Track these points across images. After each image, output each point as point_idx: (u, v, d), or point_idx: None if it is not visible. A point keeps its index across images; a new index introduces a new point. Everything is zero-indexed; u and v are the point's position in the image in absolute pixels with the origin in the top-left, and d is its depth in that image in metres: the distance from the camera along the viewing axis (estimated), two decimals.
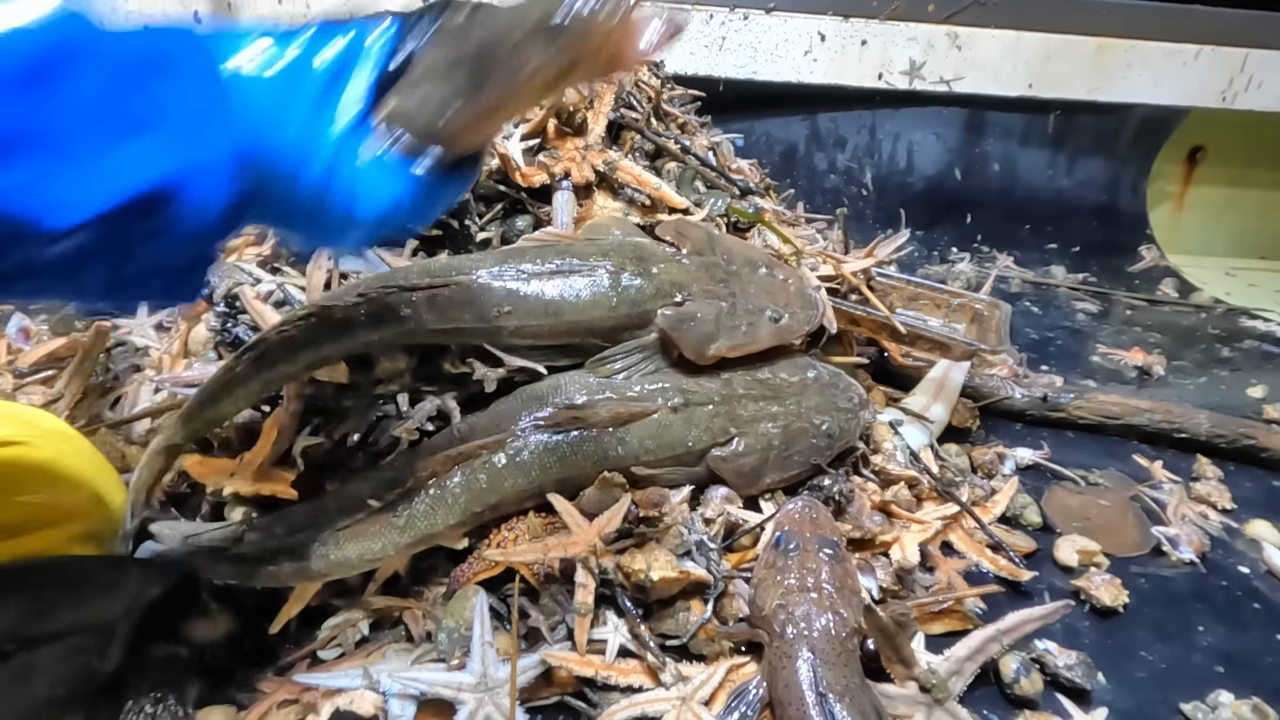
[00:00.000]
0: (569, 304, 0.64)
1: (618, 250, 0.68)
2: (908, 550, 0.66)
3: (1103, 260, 1.71)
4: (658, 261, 0.68)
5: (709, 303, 0.66)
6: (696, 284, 0.67)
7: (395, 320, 0.61)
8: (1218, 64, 1.66)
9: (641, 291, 0.65)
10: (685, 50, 1.53)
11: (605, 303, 0.64)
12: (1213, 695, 0.60)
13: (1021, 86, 1.65)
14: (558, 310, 0.63)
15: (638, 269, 0.66)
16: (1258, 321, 1.45)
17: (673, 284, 0.67)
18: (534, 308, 0.63)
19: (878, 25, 1.57)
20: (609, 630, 0.56)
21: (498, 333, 0.64)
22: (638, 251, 0.68)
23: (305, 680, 0.53)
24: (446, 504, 0.58)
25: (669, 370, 0.66)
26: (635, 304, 0.65)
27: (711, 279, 0.68)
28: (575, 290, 0.64)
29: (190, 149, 0.34)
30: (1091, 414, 0.97)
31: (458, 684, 0.52)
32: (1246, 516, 0.83)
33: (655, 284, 0.66)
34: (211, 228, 0.36)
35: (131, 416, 0.74)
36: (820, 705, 0.49)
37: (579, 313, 0.64)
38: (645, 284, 0.66)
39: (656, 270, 0.67)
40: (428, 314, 0.62)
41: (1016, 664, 0.58)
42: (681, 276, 0.67)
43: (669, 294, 0.66)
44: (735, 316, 0.67)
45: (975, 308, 1.00)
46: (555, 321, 0.63)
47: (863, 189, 1.72)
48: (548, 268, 0.64)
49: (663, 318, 0.65)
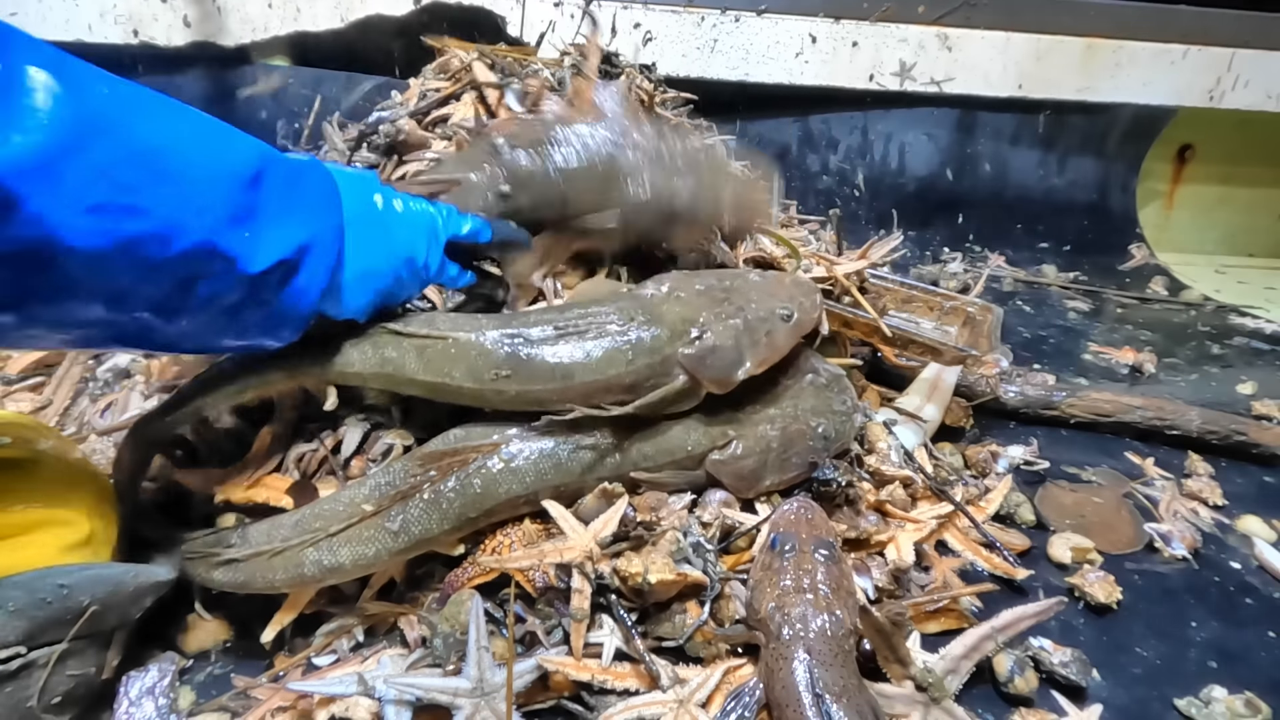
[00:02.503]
0: (580, 365, 0.60)
1: (616, 303, 0.64)
2: (903, 550, 0.67)
3: (1094, 259, 1.72)
4: (660, 303, 0.64)
5: (723, 326, 0.64)
6: (704, 312, 0.64)
7: (378, 358, 0.60)
8: (1205, 63, 1.67)
9: (658, 338, 0.61)
10: (677, 53, 1.54)
11: (621, 359, 0.60)
12: (1206, 690, 0.61)
13: (1011, 87, 1.66)
14: (567, 373, 0.59)
15: (645, 315, 0.62)
16: (1247, 318, 1.46)
17: (684, 320, 0.63)
18: (539, 371, 0.59)
19: (868, 27, 1.58)
20: (605, 634, 0.56)
21: (494, 396, 0.60)
22: (636, 299, 0.65)
23: (300, 687, 0.53)
24: (441, 509, 0.57)
25: None
26: (653, 352, 0.61)
27: (714, 301, 0.66)
28: (585, 350, 0.60)
29: (322, 220, 0.52)
30: (1084, 411, 0.97)
31: (454, 689, 0.52)
32: (1238, 512, 0.84)
33: (668, 326, 0.62)
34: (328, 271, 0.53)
35: (121, 424, 0.74)
36: (817, 706, 0.49)
37: (593, 373, 0.60)
38: (659, 330, 0.62)
39: (663, 315, 0.63)
40: (414, 362, 0.59)
41: (1011, 662, 0.59)
42: (688, 310, 0.64)
43: (683, 332, 0.62)
44: (752, 330, 0.65)
45: (968, 311, 1.00)
46: (565, 385, 0.59)
47: (855, 190, 1.72)
48: (549, 331, 0.61)
49: (686, 358, 0.62)
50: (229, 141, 0.47)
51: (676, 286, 0.66)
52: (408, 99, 0.95)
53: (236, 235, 0.46)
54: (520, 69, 0.92)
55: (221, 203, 0.45)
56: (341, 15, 1.43)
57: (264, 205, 0.47)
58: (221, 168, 0.45)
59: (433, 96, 0.92)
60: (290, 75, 1.46)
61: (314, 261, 0.51)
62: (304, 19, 1.42)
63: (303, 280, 0.51)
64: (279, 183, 0.49)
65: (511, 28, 1.44)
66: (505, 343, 0.60)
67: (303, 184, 0.51)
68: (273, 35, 1.42)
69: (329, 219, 0.53)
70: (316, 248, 0.51)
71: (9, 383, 0.80)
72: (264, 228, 0.47)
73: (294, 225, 0.49)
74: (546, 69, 0.91)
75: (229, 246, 0.45)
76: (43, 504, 0.52)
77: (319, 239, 0.51)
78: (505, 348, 0.60)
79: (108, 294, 0.42)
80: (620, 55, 1.04)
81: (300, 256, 0.50)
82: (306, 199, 0.51)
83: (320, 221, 0.52)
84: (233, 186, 0.46)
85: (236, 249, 0.46)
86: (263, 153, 0.48)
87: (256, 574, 0.56)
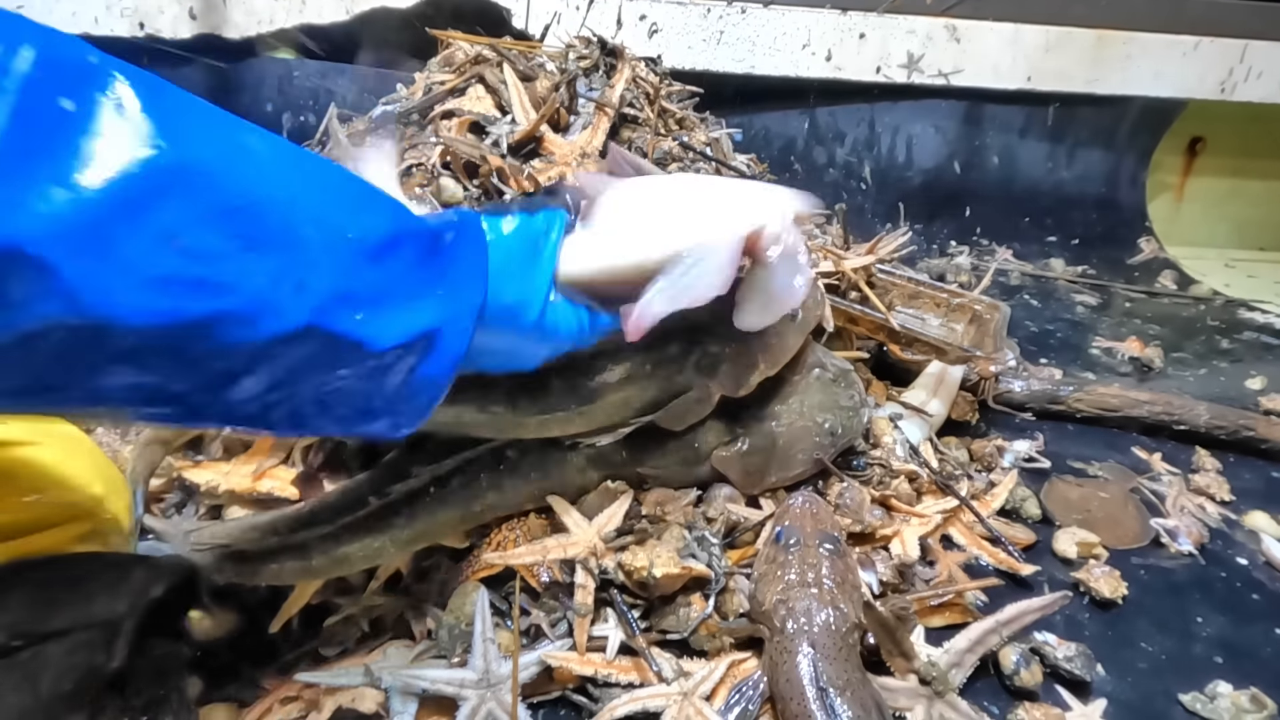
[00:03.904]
0: (603, 384, 0.58)
1: None
2: (908, 544, 0.67)
3: (1102, 252, 1.71)
4: None
5: None
6: None
7: None
8: (1217, 55, 1.66)
9: (669, 351, 0.61)
10: (683, 45, 1.53)
11: (641, 374, 0.59)
12: (1211, 685, 0.61)
13: (1020, 79, 1.65)
14: (591, 395, 0.58)
15: None
16: (1257, 313, 1.45)
17: None
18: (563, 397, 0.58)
19: (876, 18, 1.57)
20: (609, 627, 0.56)
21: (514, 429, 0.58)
22: None
23: (307, 678, 0.53)
24: (447, 502, 0.58)
25: None
26: (671, 362, 0.61)
27: None
28: (605, 366, 0.58)
29: (461, 300, 0.42)
30: (1091, 406, 0.97)
31: (459, 680, 0.52)
32: (1245, 508, 0.83)
33: None
34: (455, 363, 0.42)
35: None
36: (821, 700, 0.49)
37: (616, 390, 0.59)
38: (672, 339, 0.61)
39: None
40: None
41: (1016, 656, 0.59)
42: None
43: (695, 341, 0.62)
44: (761, 332, 0.63)
45: (975, 308, 0.99)
46: (591, 406, 0.58)
47: (862, 183, 1.72)
48: None
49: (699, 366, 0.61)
50: (355, 201, 0.38)
51: None
52: (413, 93, 0.95)
53: (346, 318, 0.36)
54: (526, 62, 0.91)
55: (332, 277, 0.35)
56: (347, 8, 1.42)
57: (387, 283, 0.38)
58: (339, 234, 0.36)
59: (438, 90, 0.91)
60: (296, 68, 1.46)
61: (440, 352, 0.41)
62: (309, 11, 1.42)
63: (423, 371, 0.41)
64: (411, 255, 0.39)
65: (516, 20, 1.44)
66: None
67: (442, 256, 0.41)
68: (278, 27, 1.42)
69: (468, 299, 0.42)
70: (446, 335, 0.41)
71: None
72: (383, 310, 0.38)
73: (422, 309, 0.39)
74: (551, 62, 0.91)
75: (335, 329, 0.36)
76: (54, 493, 0.52)
77: (451, 325, 0.41)
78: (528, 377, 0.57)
79: (166, 373, 0.33)
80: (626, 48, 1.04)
81: (423, 344, 0.40)
82: (445, 275, 0.41)
83: (456, 304, 0.42)
84: (351, 259, 0.36)
85: (344, 332, 0.36)
86: (398, 217, 0.39)
87: (264, 565, 0.56)
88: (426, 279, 0.40)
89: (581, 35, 1.05)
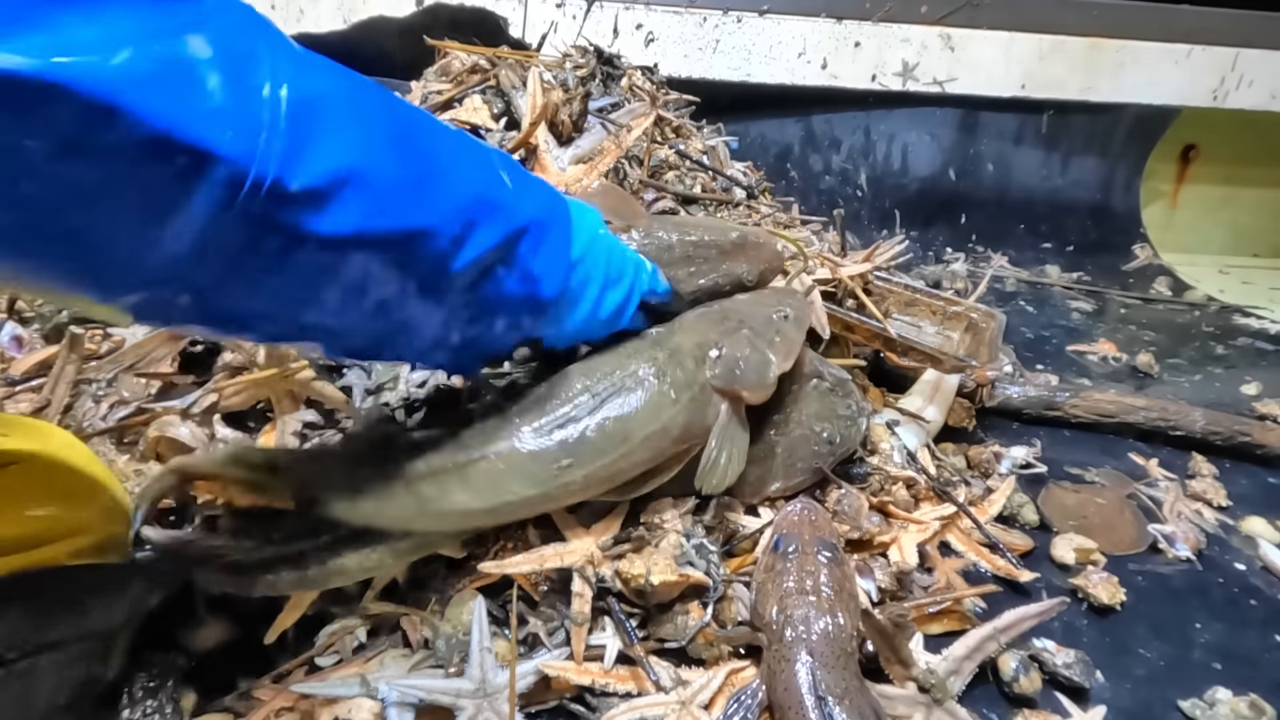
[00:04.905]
0: (633, 420, 0.56)
1: (633, 356, 0.60)
2: (906, 551, 0.67)
3: (1097, 259, 1.72)
4: (670, 337, 0.62)
5: (735, 339, 0.62)
6: (712, 332, 0.62)
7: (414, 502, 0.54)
8: (1209, 63, 1.67)
9: (689, 370, 0.59)
10: (679, 53, 1.54)
11: (667, 400, 0.57)
12: (1210, 692, 0.60)
13: (1015, 87, 1.66)
14: (626, 434, 0.56)
15: (665, 352, 0.60)
16: (1251, 319, 1.46)
17: (699, 346, 0.61)
18: (598, 445, 0.55)
19: (871, 27, 1.58)
20: (607, 636, 0.56)
21: (562, 492, 0.55)
22: (647, 342, 0.62)
23: (303, 689, 0.53)
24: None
25: None
26: (691, 383, 0.59)
27: (714, 322, 0.64)
28: (632, 405, 0.57)
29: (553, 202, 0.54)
30: (1087, 412, 0.97)
31: (456, 690, 0.52)
32: (1242, 513, 0.84)
33: (690, 355, 0.60)
34: None
35: (120, 424, 0.74)
36: (820, 708, 0.49)
37: (648, 423, 0.56)
38: (686, 359, 0.60)
39: (679, 345, 0.61)
40: (460, 493, 0.54)
41: (1015, 662, 0.58)
42: (698, 335, 0.62)
43: (704, 357, 0.61)
44: (763, 334, 0.64)
45: (971, 317, 1.00)
46: (629, 447, 0.56)
47: (858, 190, 1.72)
48: (590, 401, 0.56)
49: (717, 379, 0.60)
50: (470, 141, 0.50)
51: (677, 320, 0.65)
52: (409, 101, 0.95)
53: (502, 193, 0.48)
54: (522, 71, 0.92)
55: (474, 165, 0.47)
56: (344, 17, 1.43)
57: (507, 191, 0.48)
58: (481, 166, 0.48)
59: (434, 99, 0.92)
60: None
61: (550, 241, 0.51)
62: (307, 20, 1.43)
63: (540, 261, 0.51)
64: (518, 170, 0.51)
65: (514, 29, 1.45)
66: (553, 432, 0.55)
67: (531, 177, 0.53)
68: None
69: (559, 206, 0.54)
70: (552, 228, 0.52)
71: (12, 383, 0.80)
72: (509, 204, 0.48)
73: (531, 202, 0.50)
74: (548, 71, 0.91)
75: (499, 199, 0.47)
76: (51, 505, 0.52)
77: (553, 218, 0.52)
78: (555, 437, 0.55)
79: None
80: (622, 57, 1.04)
81: (536, 231, 0.50)
82: (537, 185, 0.53)
83: (554, 203, 0.53)
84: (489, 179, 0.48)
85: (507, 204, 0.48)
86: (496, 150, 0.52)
87: (260, 575, 0.56)
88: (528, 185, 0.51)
89: (578, 44, 1.06)
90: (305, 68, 0.37)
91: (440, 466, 0.54)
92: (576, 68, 0.96)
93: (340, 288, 0.41)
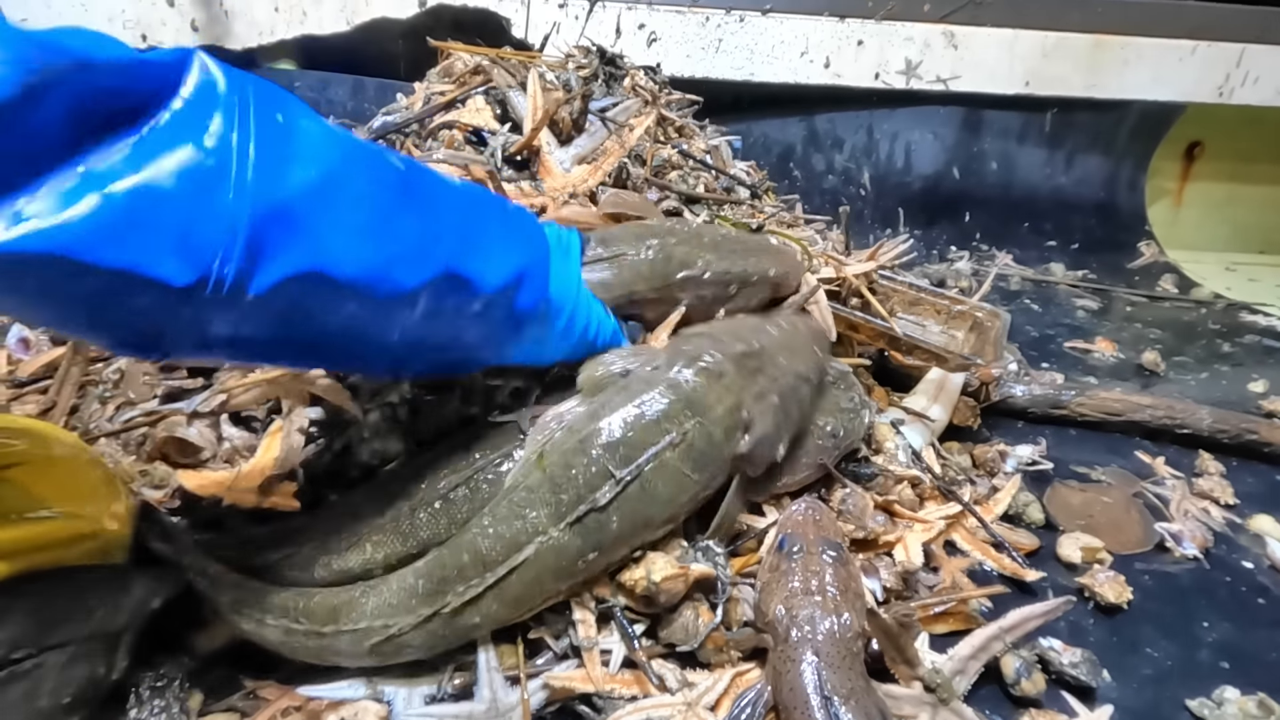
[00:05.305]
0: (656, 506, 0.56)
1: (666, 411, 0.57)
2: (911, 551, 0.66)
3: (1102, 257, 1.71)
4: (705, 395, 0.58)
5: (764, 408, 0.61)
6: (745, 394, 0.60)
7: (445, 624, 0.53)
8: (1214, 59, 1.66)
9: (714, 443, 0.58)
10: (681, 53, 1.54)
11: (688, 483, 0.57)
12: (1218, 691, 0.60)
13: (1018, 84, 1.65)
14: (648, 522, 0.56)
15: (694, 414, 0.57)
16: (1258, 316, 1.45)
17: (729, 412, 0.59)
18: (620, 536, 0.55)
19: (874, 25, 1.57)
20: (614, 640, 0.56)
21: (583, 576, 0.56)
22: (680, 395, 0.58)
23: (309, 692, 0.53)
24: (450, 515, 0.58)
25: None
26: (714, 460, 0.58)
27: (749, 373, 0.62)
28: (654, 494, 0.56)
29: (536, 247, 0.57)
30: (1093, 411, 0.97)
31: (469, 713, 0.52)
32: (1249, 511, 0.83)
33: (719, 425, 0.58)
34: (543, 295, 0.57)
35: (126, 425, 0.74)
36: (825, 708, 0.48)
37: (668, 508, 0.56)
38: (714, 430, 0.58)
39: (711, 409, 0.58)
40: (494, 605, 0.53)
41: (1019, 663, 0.58)
42: (731, 395, 0.59)
43: (733, 426, 0.59)
44: (786, 407, 0.63)
45: (976, 316, 0.99)
46: (650, 532, 0.57)
47: (861, 189, 1.72)
48: (613, 490, 0.54)
49: (739, 458, 0.60)
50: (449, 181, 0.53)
51: (716, 360, 0.61)
52: (412, 103, 0.95)
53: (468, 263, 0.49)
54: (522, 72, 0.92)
55: (456, 229, 0.49)
56: (347, 19, 1.43)
57: (488, 233, 0.51)
58: (452, 195, 0.50)
59: (437, 100, 0.92)
60: (297, 79, 1.46)
61: (530, 284, 0.54)
62: (310, 22, 1.43)
63: (523, 300, 0.54)
64: (497, 212, 0.54)
65: (516, 29, 1.45)
66: (576, 528, 0.53)
67: (512, 216, 0.56)
68: (279, 39, 1.43)
69: (540, 245, 0.58)
70: (531, 274, 0.55)
71: (19, 385, 0.81)
72: (491, 253, 0.51)
73: (514, 251, 0.53)
74: (551, 71, 0.91)
75: (461, 272, 0.49)
76: (57, 507, 0.52)
77: (533, 266, 0.55)
78: (579, 535, 0.53)
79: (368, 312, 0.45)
80: (625, 57, 1.04)
81: (521, 279, 0.53)
82: (520, 228, 0.56)
83: (534, 250, 0.56)
84: (464, 211, 0.50)
85: (466, 274, 0.49)
86: (476, 187, 0.55)
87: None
88: (509, 231, 0.54)
89: (580, 45, 1.06)
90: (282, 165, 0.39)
91: (471, 592, 0.52)
92: (579, 68, 0.96)
93: None
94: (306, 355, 0.50)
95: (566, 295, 0.60)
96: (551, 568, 0.53)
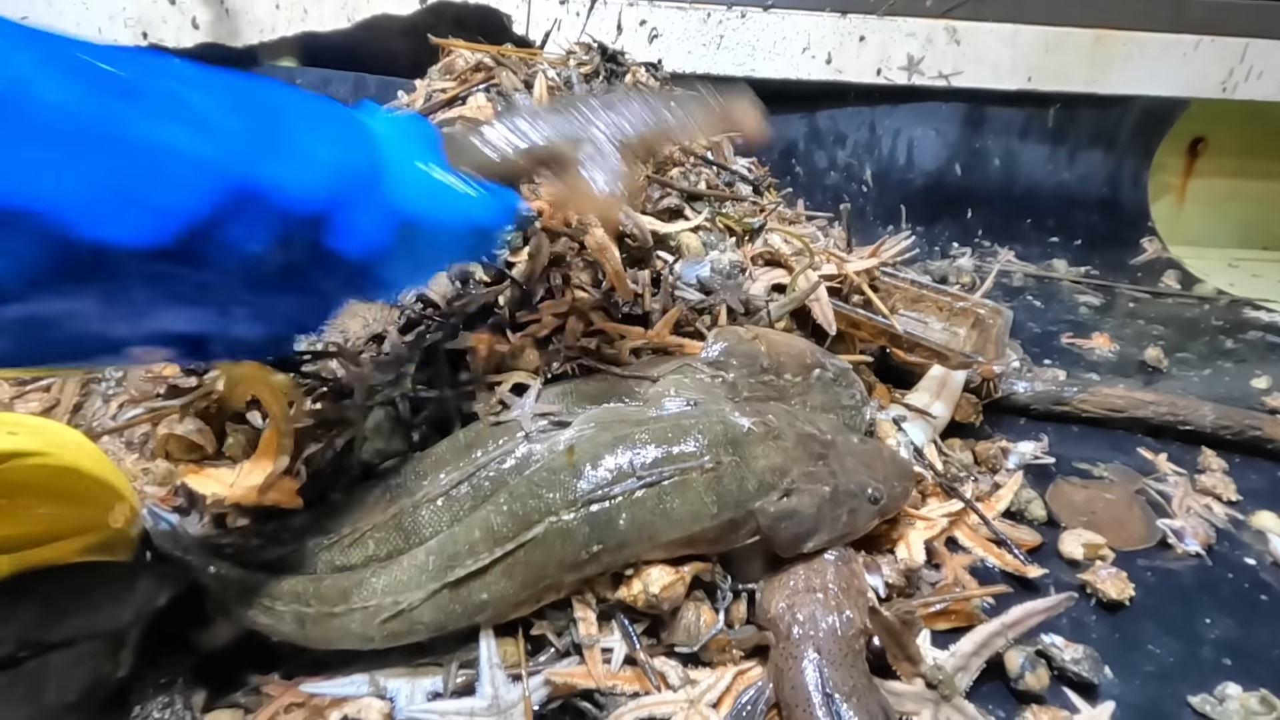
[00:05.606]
0: (666, 522, 0.55)
1: (709, 437, 0.58)
2: (913, 548, 0.66)
3: (1105, 253, 1.71)
4: (753, 444, 0.59)
5: (810, 491, 0.59)
6: (796, 467, 0.60)
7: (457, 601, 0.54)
8: (1217, 54, 1.65)
9: (745, 490, 0.58)
10: (683, 49, 1.53)
11: (706, 513, 0.56)
12: (1220, 687, 0.60)
13: (1021, 80, 1.65)
14: (654, 534, 0.55)
15: (735, 456, 0.58)
16: (1261, 313, 1.44)
17: (773, 472, 0.59)
18: (626, 537, 0.55)
19: (875, 21, 1.57)
20: (615, 639, 0.56)
21: (589, 569, 0.56)
22: (729, 434, 0.59)
23: (312, 688, 0.53)
24: (453, 512, 0.58)
25: None
26: (738, 506, 0.57)
27: (810, 455, 0.61)
28: (669, 507, 0.55)
29: None
30: (1096, 407, 0.96)
31: (470, 710, 0.52)
32: (1252, 508, 0.83)
33: (756, 476, 0.58)
34: None
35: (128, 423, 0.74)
36: (827, 706, 0.49)
37: (677, 529, 0.56)
38: (748, 478, 0.58)
39: (755, 458, 0.59)
40: (503, 582, 0.54)
41: (1022, 659, 0.58)
42: (782, 460, 0.59)
43: (771, 484, 0.58)
44: (837, 504, 0.61)
45: (978, 313, 0.99)
46: (650, 546, 0.56)
47: (863, 185, 1.72)
48: (633, 486, 0.55)
49: (764, 514, 0.58)
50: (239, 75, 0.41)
51: (778, 423, 0.61)
52: (414, 100, 0.95)
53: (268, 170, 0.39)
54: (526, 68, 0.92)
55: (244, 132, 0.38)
56: (348, 16, 1.43)
57: (291, 136, 0.40)
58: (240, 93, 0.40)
59: (438, 97, 0.92)
60: (298, 76, 1.46)
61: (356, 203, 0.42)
62: (311, 19, 1.43)
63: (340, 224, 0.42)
64: (301, 111, 0.42)
65: (518, 26, 1.44)
66: (586, 516, 0.54)
67: (321, 113, 0.44)
68: (280, 36, 1.43)
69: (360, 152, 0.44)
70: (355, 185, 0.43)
71: (22, 383, 0.81)
72: (294, 160, 0.40)
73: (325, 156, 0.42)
74: (552, 69, 0.91)
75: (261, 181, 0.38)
76: (60, 504, 0.52)
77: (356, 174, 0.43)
78: (588, 522, 0.54)
79: None
80: (626, 53, 1.04)
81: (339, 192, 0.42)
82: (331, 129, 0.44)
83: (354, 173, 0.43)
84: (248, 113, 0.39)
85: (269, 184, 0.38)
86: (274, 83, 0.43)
87: None
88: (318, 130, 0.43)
89: (582, 41, 1.05)
90: None
91: (474, 571, 0.53)
92: (580, 65, 0.96)
93: None
94: None
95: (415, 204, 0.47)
96: (557, 553, 0.54)
